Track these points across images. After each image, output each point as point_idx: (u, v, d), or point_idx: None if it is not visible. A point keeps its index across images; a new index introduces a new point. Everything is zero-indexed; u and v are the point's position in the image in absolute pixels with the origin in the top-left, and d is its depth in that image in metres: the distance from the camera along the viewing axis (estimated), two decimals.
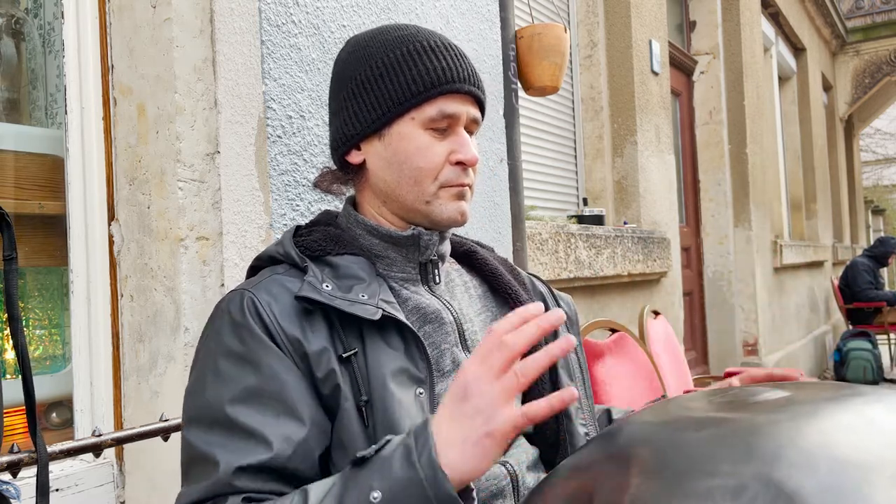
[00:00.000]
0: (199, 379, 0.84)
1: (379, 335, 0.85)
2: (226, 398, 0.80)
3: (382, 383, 0.83)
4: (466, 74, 0.93)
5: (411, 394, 0.84)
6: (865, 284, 7.04)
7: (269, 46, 1.39)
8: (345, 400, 0.82)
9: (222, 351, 0.83)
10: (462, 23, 1.95)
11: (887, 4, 9.18)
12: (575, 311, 1.13)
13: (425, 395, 0.85)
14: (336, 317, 0.85)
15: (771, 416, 0.58)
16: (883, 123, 15.68)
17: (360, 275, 0.90)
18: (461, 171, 0.92)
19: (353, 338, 0.85)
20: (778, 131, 7.22)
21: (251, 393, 0.80)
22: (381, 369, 0.83)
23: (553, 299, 1.10)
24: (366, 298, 0.86)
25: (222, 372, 0.82)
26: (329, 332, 0.85)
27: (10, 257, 0.89)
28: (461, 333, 0.94)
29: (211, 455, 0.77)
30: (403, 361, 0.85)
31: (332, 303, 0.84)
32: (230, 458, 0.76)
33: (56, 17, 1.37)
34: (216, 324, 0.87)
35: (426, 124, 0.91)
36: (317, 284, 0.86)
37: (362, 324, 0.85)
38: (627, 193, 3.63)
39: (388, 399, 0.82)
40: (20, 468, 0.94)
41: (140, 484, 1.29)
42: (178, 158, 1.25)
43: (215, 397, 0.80)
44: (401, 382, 0.84)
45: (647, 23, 3.82)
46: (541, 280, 1.13)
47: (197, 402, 0.83)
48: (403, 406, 0.82)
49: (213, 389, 0.81)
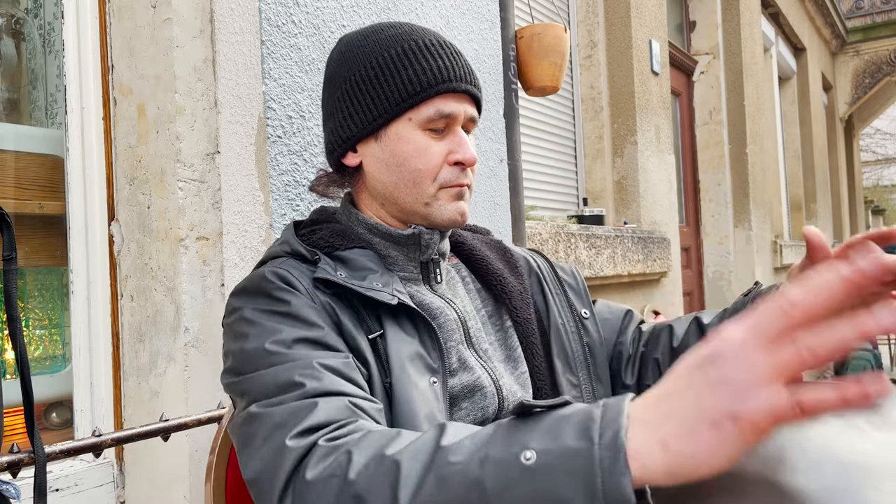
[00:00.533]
0: (249, 338, 0.79)
1: (395, 321, 0.85)
2: (285, 339, 0.76)
3: (402, 367, 0.82)
4: (463, 73, 0.92)
5: (427, 381, 0.84)
6: None
7: (269, 46, 1.39)
8: (373, 379, 0.81)
9: (264, 313, 0.81)
10: (462, 23, 1.95)
11: (887, 4, 9.18)
12: (582, 281, 1.10)
13: (439, 384, 0.85)
14: (357, 300, 0.85)
15: None
16: (883, 123, 15.69)
17: (372, 266, 0.90)
18: (460, 171, 0.92)
19: (374, 321, 0.85)
20: (778, 131, 7.22)
21: (304, 340, 0.77)
22: (401, 353, 0.83)
23: (553, 273, 1.08)
24: (380, 286, 0.86)
25: (270, 327, 0.79)
26: (356, 313, 0.85)
27: (10, 257, 0.89)
28: (466, 331, 0.94)
29: (292, 380, 0.72)
30: (419, 348, 0.85)
31: (350, 285, 0.84)
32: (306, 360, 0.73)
33: (56, 17, 1.37)
34: (246, 298, 0.84)
35: (423, 125, 0.90)
36: (331, 272, 0.85)
37: (380, 308, 0.85)
38: (627, 193, 3.63)
39: (407, 383, 0.81)
40: (20, 468, 0.94)
41: (140, 484, 1.29)
42: (178, 158, 1.25)
43: (272, 345, 0.76)
44: (417, 368, 0.84)
45: (647, 23, 3.82)
46: (541, 255, 1.11)
47: (254, 359, 0.77)
48: (420, 391, 0.82)
49: (267, 340, 0.77)
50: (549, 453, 0.51)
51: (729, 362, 0.46)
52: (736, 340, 0.47)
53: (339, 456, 0.62)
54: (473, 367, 0.91)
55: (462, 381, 0.89)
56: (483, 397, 0.90)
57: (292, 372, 0.73)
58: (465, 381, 0.89)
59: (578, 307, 1.05)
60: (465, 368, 0.90)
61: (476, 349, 0.93)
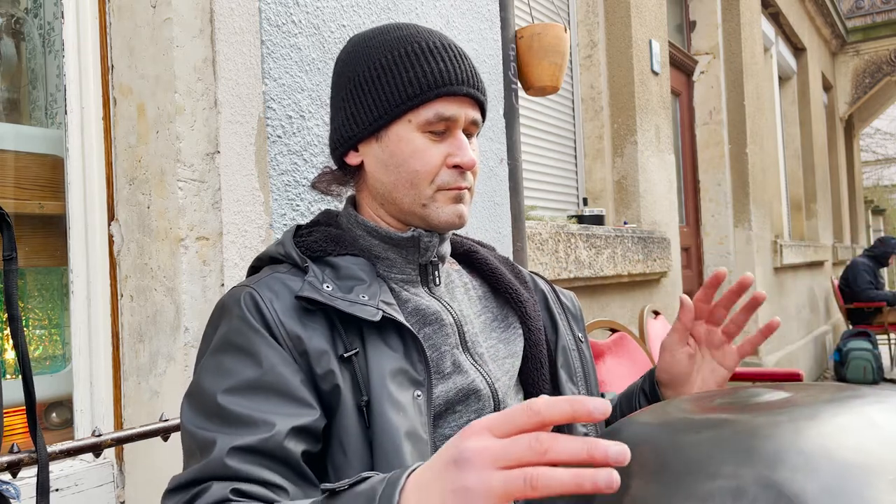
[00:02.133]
0: (200, 372, 0.84)
1: (379, 336, 0.85)
2: (224, 388, 0.79)
3: (382, 384, 0.82)
4: (465, 76, 0.92)
5: (409, 395, 0.84)
6: (865, 284, 7.04)
7: (269, 46, 1.39)
8: (344, 400, 0.81)
9: (223, 344, 0.83)
10: (462, 23, 1.95)
11: (887, 4, 9.18)
12: (579, 308, 1.12)
13: (423, 397, 0.85)
14: (337, 317, 0.85)
15: (771, 418, 0.58)
16: (883, 123, 15.69)
17: (361, 276, 0.90)
18: (458, 174, 0.92)
19: (354, 337, 0.85)
20: (778, 131, 7.22)
21: (251, 385, 0.79)
22: (381, 370, 0.83)
23: (556, 297, 1.10)
24: (366, 299, 0.86)
25: (222, 364, 0.82)
26: (330, 331, 0.84)
27: (10, 257, 0.89)
28: (461, 335, 0.94)
29: (209, 438, 0.76)
30: (402, 363, 0.85)
31: (333, 303, 0.84)
32: (226, 440, 0.75)
33: (56, 17, 1.37)
34: (217, 320, 0.87)
35: (423, 127, 0.90)
36: (317, 284, 0.85)
37: (362, 324, 0.85)
38: (627, 193, 3.63)
39: (387, 400, 0.81)
40: (20, 468, 0.94)
41: (140, 484, 1.29)
42: (178, 158, 1.25)
43: (214, 388, 0.80)
44: (400, 384, 0.83)
45: (647, 23, 3.82)
46: (543, 278, 1.13)
47: (197, 394, 0.82)
48: (402, 407, 0.82)
49: (213, 381, 0.81)
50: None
51: (469, 470, 0.52)
52: (478, 446, 0.53)
53: None
54: (468, 371, 0.91)
55: (456, 384, 0.89)
56: (478, 400, 0.90)
57: (213, 434, 0.77)
58: (459, 385, 0.89)
59: (576, 331, 1.08)
60: (460, 372, 0.90)
61: (471, 353, 0.94)
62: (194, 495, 0.74)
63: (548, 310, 1.06)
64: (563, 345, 1.03)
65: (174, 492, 0.76)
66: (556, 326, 1.05)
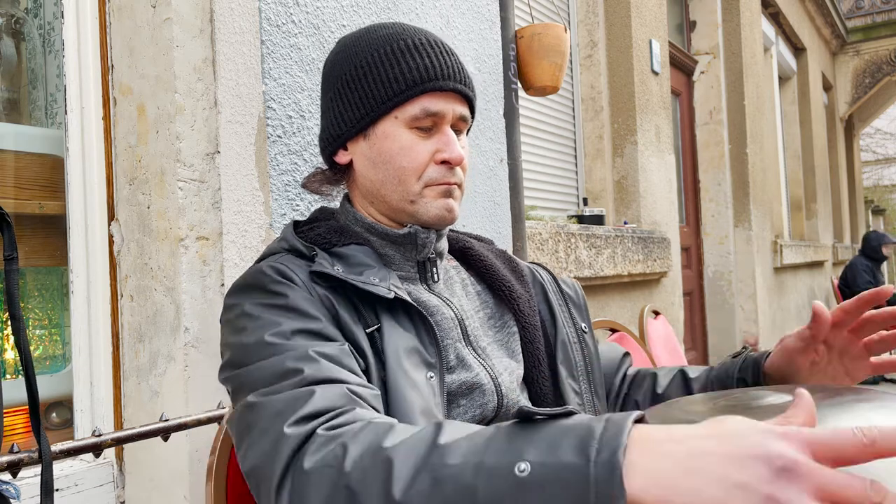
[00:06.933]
0: (248, 331, 0.79)
1: (391, 316, 0.86)
2: (284, 331, 0.77)
3: (398, 361, 0.82)
4: (451, 72, 0.92)
5: (423, 376, 0.84)
6: (865, 284, 7.04)
7: (269, 46, 1.39)
8: (370, 371, 0.81)
9: (262, 306, 0.81)
10: (462, 23, 1.95)
11: (887, 4, 9.18)
12: (582, 296, 1.11)
13: (436, 378, 0.85)
14: (354, 294, 0.85)
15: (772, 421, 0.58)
16: (883, 123, 15.69)
17: (369, 262, 0.90)
18: (446, 169, 0.92)
19: (372, 315, 0.85)
20: (778, 131, 7.21)
21: (302, 331, 0.78)
22: (397, 347, 0.83)
23: (556, 287, 1.08)
24: (377, 281, 0.86)
25: (269, 320, 0.79)
26: (353, 306, 0.85)
27: (11, 257, 0.89)
28: (463, 329, 0.94)
29: (290, 369, 0.72)
30: (415, 342, 0.85)
31: (347, 278, 0.84)
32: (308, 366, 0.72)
33: (56, 17, 1.36)
34: (244, 293, 0.85)
35: (410, 123, 0.90)
36: (328, 266, 0.86)
37: (376, 303, 0.85)
38: (627, 193, 3.63)
39: (403, 377, 0.81)
40: (20, 468, 0.94)
41: (140, 484, 1.29)
42: (178, 158, 1.25)
43: (271, 336, 0.77)
44: (414, 363, 0.84)
45: (647, 23, 3.82)
46: (544, 268, 1.12)
47: (253, 351, 0.77)
48: (416, 385, 0.82)
49: (267, 333, 0.78)
50: (544, 466, 0.50)
51: (787, 484, 0.45)
52: (808, 466, 0.45)
53: (335, 447, 0.63)
54: (472, 365, 0.91)
55: (460, 378, 0.89)
56: (482, 394, 0.90)
57: (290, 361, 0.73)
58: (463, 379, 0.89)
59: (579, 321, 1.07)
60: (464, 366, 0.90)
61: (474, 347, 0.93)
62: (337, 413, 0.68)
63: (547, 302, 1.05)
64: (562, 339, 1.02)
65: (302, 421, 0.67)
66: (555, 320, 1.03)
